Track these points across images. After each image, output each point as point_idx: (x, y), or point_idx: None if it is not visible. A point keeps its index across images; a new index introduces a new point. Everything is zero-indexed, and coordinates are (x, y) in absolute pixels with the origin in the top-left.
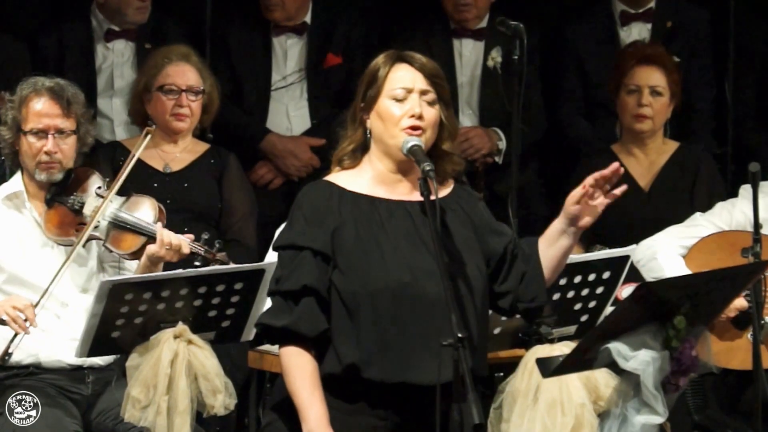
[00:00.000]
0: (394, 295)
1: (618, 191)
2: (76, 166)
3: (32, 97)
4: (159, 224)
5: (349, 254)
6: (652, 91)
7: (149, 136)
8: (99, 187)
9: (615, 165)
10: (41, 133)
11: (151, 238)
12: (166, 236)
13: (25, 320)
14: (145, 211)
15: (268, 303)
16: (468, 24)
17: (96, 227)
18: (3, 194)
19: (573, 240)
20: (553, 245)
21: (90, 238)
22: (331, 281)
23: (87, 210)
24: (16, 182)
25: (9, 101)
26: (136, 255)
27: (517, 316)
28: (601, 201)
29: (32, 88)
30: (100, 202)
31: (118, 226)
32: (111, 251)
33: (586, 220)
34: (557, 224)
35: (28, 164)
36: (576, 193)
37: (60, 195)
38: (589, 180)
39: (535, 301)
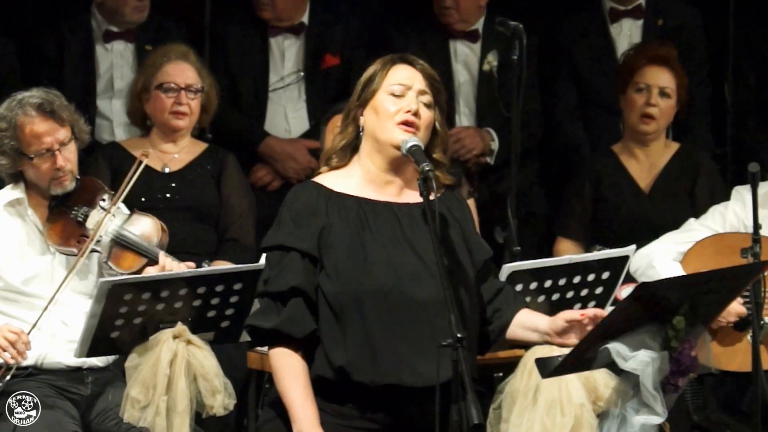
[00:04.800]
0: (379, 298)
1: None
2: (83, 176)
3: (24, 122)
4: (162, 252)
5: (335, 256)
6: (661, 92)
7: (143, 164)
8: (103, 200)
9: (594, 314)
10: (47, 153)
11: (152, 260)
12: (169, 266)
13: (18, 348)
14: (148, 231)
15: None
16: (454, 27)
17: (98, 242)
18: (4, 201)
19: (538, 341)
20: (523, 329)
21: (91, 251)
22: (318, 283)
23: (90, 223)
24: (17, 190)
25: (1, 131)
26: (134, 275)
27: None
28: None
29: (20, 112)
30: (103, 215)
31: (120, 244)
32: (111, 268)
33: (572, 340)
34: (540, 323)
35: (39, 184)
36: (572, 315)
37: (64, 203)
38: (590, 313)
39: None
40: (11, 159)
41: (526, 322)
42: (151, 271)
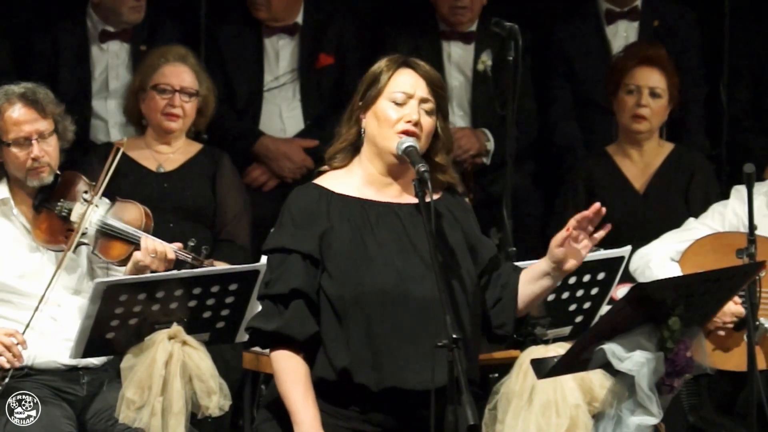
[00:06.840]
0: (381, 298)
1: (600, 234)
2: (63, 171)
3: (6, 108)
4: (143, 234)
5: (337, 258)
6: (651, 92)
7: (120, 151)
8: (86, 192)
9: (596, 206)
10: (25, 141)
11: (139, 246)
12: (150, 244)
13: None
14: (131, 217)
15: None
16: (461, 27)
17: (84, 234)
18: None
19: (554, 282)
20: (533, 283)
21: (79, 244)
22: (320, 285)
23: (74, 216)
24: (2, 189)
25: None
26: (124, 263)
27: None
28: (585, 244)
29: (3, 99)
30: (86, 207)
31: (106, 233)
32: (99, 258)
33: (571, 264)
34: (542, 264)
35: (16, 174)
36: (559, 235)
37: (47, 201)
38: (572, 222)
39: (501, 329)
40: None
41: (530, 277)
42: (137, 256)
